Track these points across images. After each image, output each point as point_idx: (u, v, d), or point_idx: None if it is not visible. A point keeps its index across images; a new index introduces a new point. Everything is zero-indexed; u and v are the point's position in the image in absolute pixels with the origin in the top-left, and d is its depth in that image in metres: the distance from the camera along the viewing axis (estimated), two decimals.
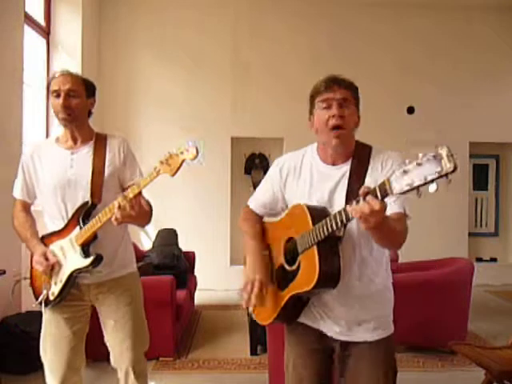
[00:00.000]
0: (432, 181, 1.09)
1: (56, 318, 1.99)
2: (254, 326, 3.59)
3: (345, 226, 1.41)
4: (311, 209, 1.49)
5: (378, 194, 1.19)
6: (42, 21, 5.00)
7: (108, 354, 2.06)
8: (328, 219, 1.37)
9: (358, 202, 1.23)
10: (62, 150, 1.98)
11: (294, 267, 1.52)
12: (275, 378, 2.77)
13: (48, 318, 2.01)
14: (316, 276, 1.39)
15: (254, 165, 6.35)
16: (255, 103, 6.10)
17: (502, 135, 6.32)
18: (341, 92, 1.52)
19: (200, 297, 5.04)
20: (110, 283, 1.99)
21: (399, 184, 1.13)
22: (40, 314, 2.05)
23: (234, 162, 6.13)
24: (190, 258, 4.76)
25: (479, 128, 6.30)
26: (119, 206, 1.69)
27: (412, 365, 3.44)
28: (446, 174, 1.07)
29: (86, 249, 1.88)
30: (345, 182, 1.53)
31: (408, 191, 1.12)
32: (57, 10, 5.18)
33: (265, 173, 6.79)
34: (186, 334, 4.05)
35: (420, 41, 6.22)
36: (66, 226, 1.94)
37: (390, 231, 1.34)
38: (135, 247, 4.33)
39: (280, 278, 1.59)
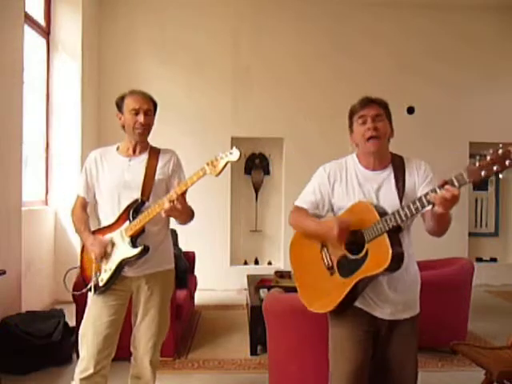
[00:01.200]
0: (502, 170, 1.39)
1: (100, 305, 2.21)
2: (254, 325, 3.60)
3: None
4: (375, 205, 1.76)
5: (456, 183, 1.49)
6: (42, 21, 5.01)
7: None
8: (400, 209, 1.65)
9: (434, 191, 1.54)
10: (122, 157, 2.30)
11: (361, 255, 1.73)
12: (275, 377, 2.77)
13: (93, 303, 2.24)
14: (389, 259, 1.64)
15: (254, 165, 6.36)
16: (255, 103, 6.10)
17: (502, 135, 6.29)
18: (374, 108, 1.84)
19: (200, 297, 5.03)
20: (150, 277, 2.25)
21: (475, 173, 1.44)
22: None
23: (234, 162, 6.10)
24: (190, 257, 4.76)
25: (479, 128, 6.30)
26: (170, 201, 1.99)
27: None
28: None
29: (134, 240, 2.15)
30: (388, 183, 1.85)
31: (483, 179, 1.44)
32: (57, 10, 5.18)
33: (265, 173, 6.76)
34: (186, 334, 4.05)
35: (421, 40, 6.22)
36: (117, 220, 2.20)
37: (450, 217, 1.69)
38: None
39: (343, 266, 1.80)
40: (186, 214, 2.16)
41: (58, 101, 5.17)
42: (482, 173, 1.42)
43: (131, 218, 2.16)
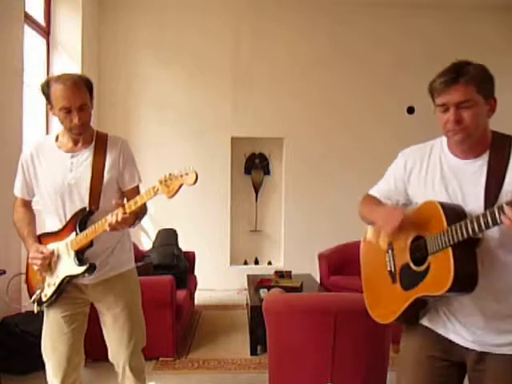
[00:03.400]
0: None
1: (55, 317, 2.02)
2: (254, 325, 3.60)
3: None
4: (446, 208, 1.35)
5: None
6: (42, 21, 5.00)
7: (107, 353, 2.11)
8: (468, 221, 1.24)
9: (510, 204, 1.11)
10: (62, 153, 1.98)
11: (423, 268, 1.40)
12: (275, 377, 2.77)
13: (47, 316, 2.05)
14: (450, 281, 1.28)
15: (254, 165, 6.35)
16: (255, 103, 6.09)
17: None
18: (459, 92, 1.41)
19: (200, 297, 5.04)
20: (108, 282, 2.04)
21: None
22: (39, 313, 2.06)
23: (234, 162, 6.13)
24: (190, 257, 4.76)
25: None
26: (116, 219, 1.76)
27: None
28: None
29: (80, 256, 1.92)
30: (480, 177, 1.39)
31: None
32: (57, 9, 5.18)
33: (265, 173, 6.74)
34: (186, 334, 4.05)
35: (421, 40, 6.20)
36: (63, 229, 1.97)
37: None
38: (135, 247, 4.34)
39: (404, 276, 1.49)
40: (133, 225, 1.95)
41: None
42: None
43: (78, 231, 1.90)
